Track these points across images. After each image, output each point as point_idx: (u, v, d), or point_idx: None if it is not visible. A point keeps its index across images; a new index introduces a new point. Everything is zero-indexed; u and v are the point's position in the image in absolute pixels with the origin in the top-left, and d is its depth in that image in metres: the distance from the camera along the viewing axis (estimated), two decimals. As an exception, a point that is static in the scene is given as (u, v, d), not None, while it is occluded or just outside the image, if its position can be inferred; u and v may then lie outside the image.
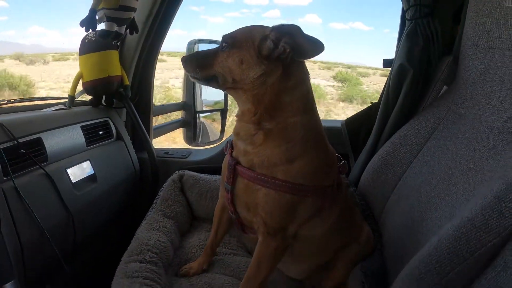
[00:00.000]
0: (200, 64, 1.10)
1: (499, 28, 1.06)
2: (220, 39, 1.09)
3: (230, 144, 1.16)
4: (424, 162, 1.28)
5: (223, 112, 2.57)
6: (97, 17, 1.58)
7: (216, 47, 1.09)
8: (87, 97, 1.85)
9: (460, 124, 1.18)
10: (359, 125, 1.80)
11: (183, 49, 2.30)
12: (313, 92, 1.11)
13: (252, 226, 1.16)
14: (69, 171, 1.48)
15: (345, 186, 1.27)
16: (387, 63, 1.73)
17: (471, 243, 0.74)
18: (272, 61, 1.00)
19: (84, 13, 1.56)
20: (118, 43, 1.85)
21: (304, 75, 1.06)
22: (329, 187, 1.10)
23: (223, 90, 1.12)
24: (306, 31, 0.96)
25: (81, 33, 1.69)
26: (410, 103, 1.53)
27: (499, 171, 0.85)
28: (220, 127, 2.59)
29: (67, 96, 1.75)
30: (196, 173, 1.75)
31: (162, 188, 1.65)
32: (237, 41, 1.04)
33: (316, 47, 0.96)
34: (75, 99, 1.76)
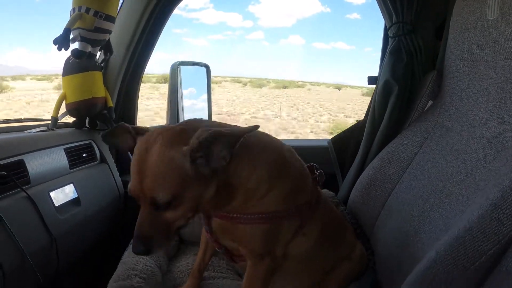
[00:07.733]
0: (157, 240, 0.90)
1: (483, 41, 1.08)
2: (202, 60, 1.02)
3: None
4: (414, 176, 1.28)
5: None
6: (71, 36, 1.56)
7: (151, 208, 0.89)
8: (70, 119, 1.81)
9: (448, 137, 1.19)
10: (345, 143, 1.81)
11: (166, 71, 2.29)
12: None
13: (240, 254, 1.14)
14: (52, 194, 1.43)
15: (325, 200, 1.24)
16: (372, 80, 1.75)
17: (469, 254, 0.73)
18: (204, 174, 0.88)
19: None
20: (102, 64, 1.83)
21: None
22: (305, 204, 1.08)
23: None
24: (290, 51, 0.87)
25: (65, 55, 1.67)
26: (396, 118, 1.55)
27: (493, 180, 0.84)
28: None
29: (49, 117, 1.71)
30: None
31: None
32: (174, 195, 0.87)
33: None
34: (58, 121, 1.72)
